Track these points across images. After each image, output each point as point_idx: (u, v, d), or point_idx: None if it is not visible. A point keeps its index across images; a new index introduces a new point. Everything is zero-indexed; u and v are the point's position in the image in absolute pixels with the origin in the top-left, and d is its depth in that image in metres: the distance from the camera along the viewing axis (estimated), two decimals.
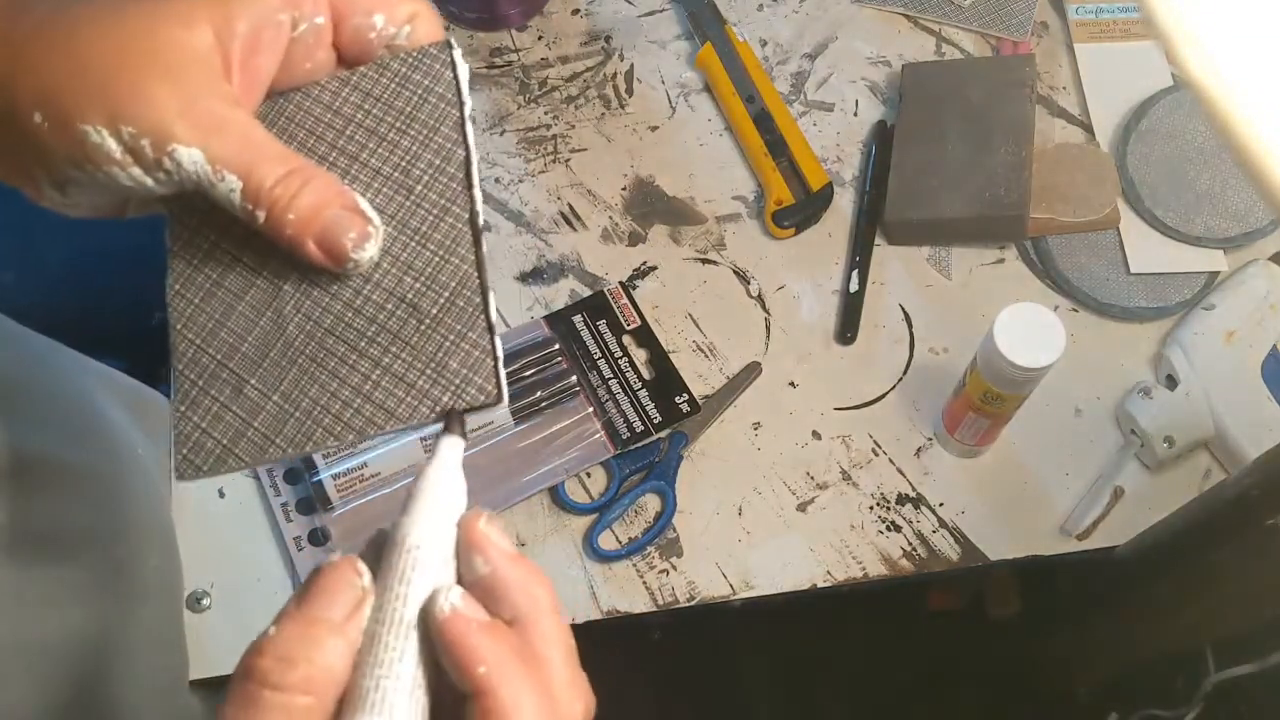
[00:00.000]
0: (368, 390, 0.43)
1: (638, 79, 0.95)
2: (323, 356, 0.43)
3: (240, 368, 0.44)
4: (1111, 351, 0.85)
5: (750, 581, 0.78)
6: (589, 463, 0.80)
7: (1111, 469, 0.80)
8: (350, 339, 0.43)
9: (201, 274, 0.45)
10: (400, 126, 0.45)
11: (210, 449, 0.43)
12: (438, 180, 0.44)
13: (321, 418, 0.43)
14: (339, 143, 0.45)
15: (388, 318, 0.43)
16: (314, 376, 0.43)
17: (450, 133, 0.45)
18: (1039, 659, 0.97)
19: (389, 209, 0.44)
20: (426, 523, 0.38)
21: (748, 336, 0.86)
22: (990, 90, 0.89)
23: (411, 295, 0.43)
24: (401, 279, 0.44)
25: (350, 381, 0.43)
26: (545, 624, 0.37)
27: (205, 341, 0.45)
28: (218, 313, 0.45)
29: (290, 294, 0.44)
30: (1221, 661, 0.77)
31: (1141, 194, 0.88)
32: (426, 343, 0.43)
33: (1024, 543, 0.79)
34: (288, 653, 0.34)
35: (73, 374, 0.75)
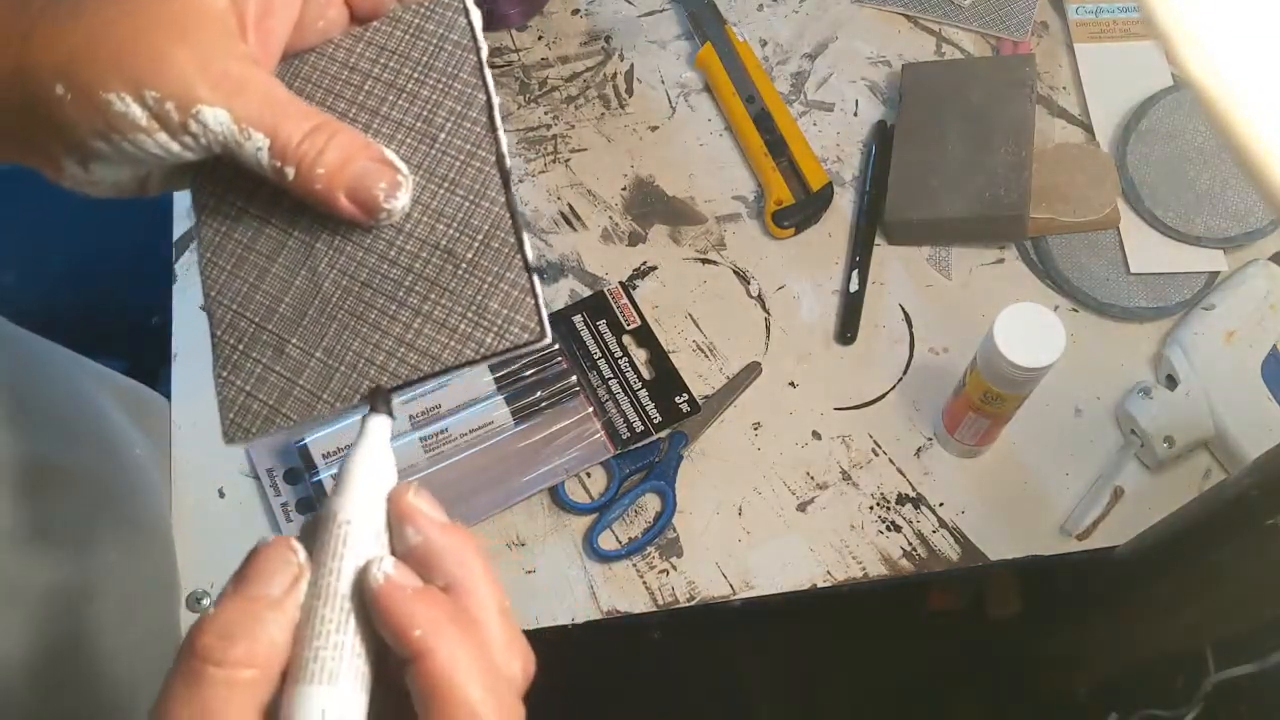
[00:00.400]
0: (410, 338, 0.43)
1: (638, 79, 0.95)
2: (362, 310, 0.44)
3: (280, 328, 0.44)
4: (1111, 351, 0.85)
5: (750, 581, 0.78)
6: (589, 463, 0.80)
7: (1111, 469, 0.80)
8: (388, 290, 0.44)
9: (231, 240, 0.45)
10: (418, 77, 0.45)
11: (256, 410, 0.44)
12: (461, 126, 0.45)
13: (366, 369, 0.43)
14: (358, 99, 0.45)
15: (423, 266, 0.44)
16: (355, 330, 0.44)
17: (469, 78, 0.45)
18: (1039, 659, 0.97)
19: (415, 159, 0.45)
20: (356, 499, 0.39)
21: (748, 336, 0.86)
22: (990, 90, 0.89)
23: (445, 242, 0.44)
24: (434, 227, 0.44)
25: (392, 331, 0.43)
26: (478, 587, 0.37)
27: (241, 306, 0.45)
28: (251, 276, 0.45)
29: (323, 251, 0.44)
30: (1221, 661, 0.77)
31: (1141, 194, 0.88)
32: (465, 287, 0.43)
33: (1024, 543, 0.79)
34: (228, 629, 0.35)
35: (70, 375, 0.75)
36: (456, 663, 0.35)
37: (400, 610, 0.36)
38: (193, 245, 0.86)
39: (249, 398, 0.44)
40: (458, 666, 0.35)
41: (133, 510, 0.72)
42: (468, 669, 0.35)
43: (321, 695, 0.35)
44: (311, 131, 0.41)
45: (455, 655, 0.35)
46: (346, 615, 0.37)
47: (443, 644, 0.35)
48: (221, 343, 0.45)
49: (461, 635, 0.36)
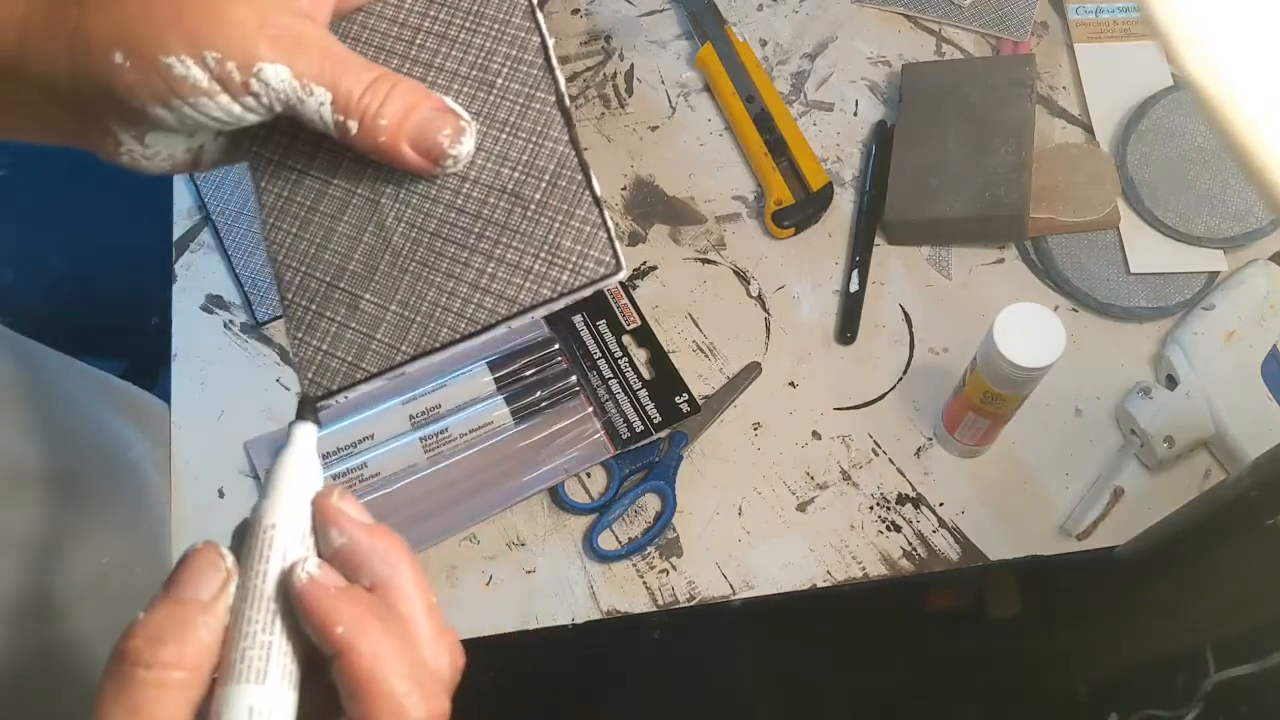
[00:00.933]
0: (485, 283, 0.44)
1: (638, 79, 0.95)
2: (433, 260, 0.44)
3: (352, 285, 0.45)
4: (1111, 351, 0.85)
5: (750, 581, 0.78)
6: (589, 463, 0.80)
7: (1111, 469, 0.80)
8: (458, 238, 0.44)
9: (294, 204, 0.46)
10: (470, 26, 0.45)
11: (335, 367, 0.44)
12: (518, 70, 0.45)
13: (444, 317, 0.44)
14: (411, 53, 0.46)
15: (492, 210, 0.44)
16: (429, 280, 0.44)
17: (522, 22, 0.45)
18: (1039, 659, 0.97)
19: (474, 107, 0.45)
20: (281, 503, 0.39)
21: (748, 336, 0.86)
22: (990, 90, 0.89)
23: (512, 185, 0.44)
24: (499, 172, 0.44)
25: (466, 278, 0.44)
26: (403, 584, 0.38)
27: (310, 267, 0.45)
28: (318, 237, 0.45)
29: (389, 206, 0.44)
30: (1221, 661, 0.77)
31: (1141, 194, 0.88)
32: (535, 228, 0.44)
33: (1024, 543, 0.79)
34: (158, 632, 0.35)
35: (64, 378, 0.75)
36: (380, 658, 0.36)
37: (323, 608, 0.36)
38: (191, 246, 0.86)
39: (327, 355, 0.45)
40: (380, 660, 0.36)
41: (127, 514, 0.72)
42: (391, 663, 0.36)
43: (249, 693, 0.36)
44: (372, 84, 0.41)
45: (378, 650, 0.36)
46: (272, 616, 0.37)
47: (365, 639, 0.36)
48: (293, 305, 0.45)
49: (385, 630, 0.36)
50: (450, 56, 0.45)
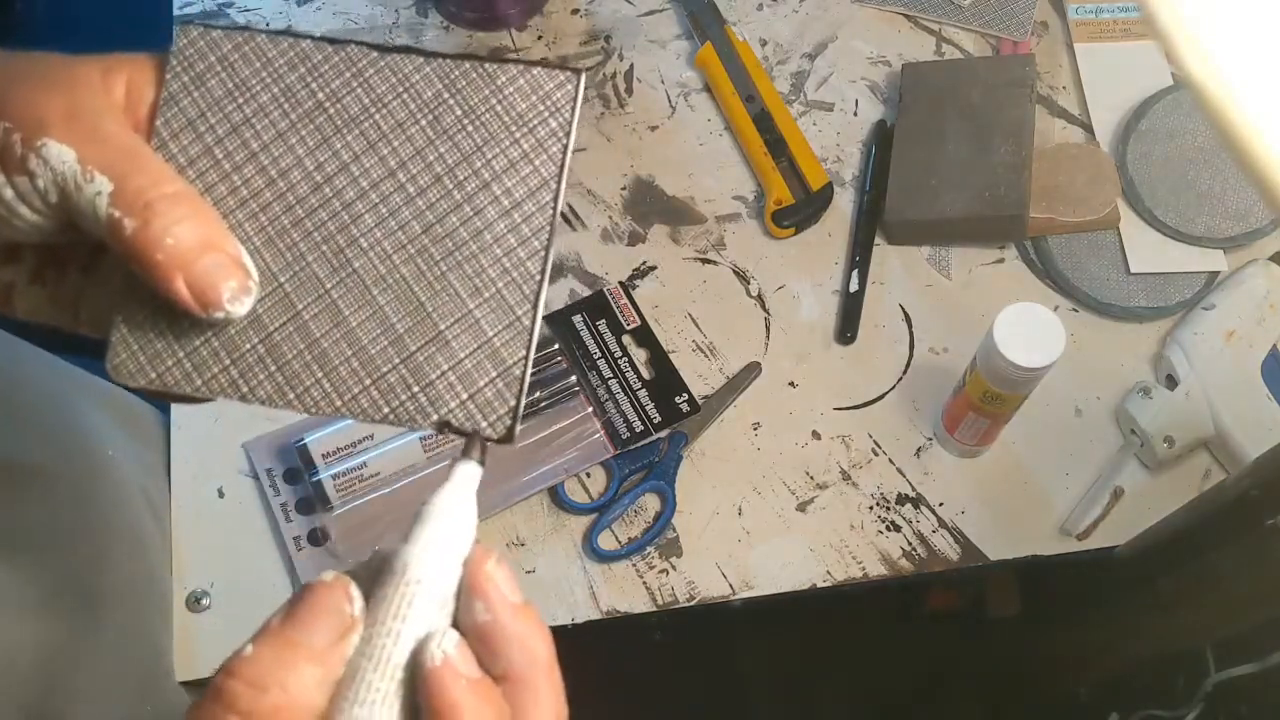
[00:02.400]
0: (384, 376, 0.40)
1: (637, 79, 0.95)
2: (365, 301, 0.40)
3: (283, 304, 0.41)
4: (1111, 351, 0.85)
5: (750, 581, 0.78)
6: (589, 463, 0.80)
7: (1111, 469, 0.80)
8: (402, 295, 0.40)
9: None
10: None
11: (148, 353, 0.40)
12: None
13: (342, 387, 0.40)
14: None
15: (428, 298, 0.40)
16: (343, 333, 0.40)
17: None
18: (1039, 659, 0.97)
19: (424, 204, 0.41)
20: (430, 556, 0.35)
21: (748, 336, 0.85)
22: (990, 90, 0.89)
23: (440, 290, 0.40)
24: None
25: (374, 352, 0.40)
26: (540, 684, 0.35)
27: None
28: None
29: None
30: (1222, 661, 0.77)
31: (1141, 194, 0.88)
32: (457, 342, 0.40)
33: (1024, 543, 0.79)
34: (260, 677, 0.32)
35: (40, 375, 0.74)
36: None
37: (450, 699, 0.33)
38: None
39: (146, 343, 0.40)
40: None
41: (99, 513, 0.71)
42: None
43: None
44: (173, 195, 0.36)
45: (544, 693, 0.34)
46: (396, 686, 0.34)
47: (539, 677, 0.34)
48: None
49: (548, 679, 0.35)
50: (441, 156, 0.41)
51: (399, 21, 0.98)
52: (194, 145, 0.40)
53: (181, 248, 0.36)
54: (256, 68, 0.41)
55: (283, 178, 0.40)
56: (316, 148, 0.40)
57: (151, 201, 0.36)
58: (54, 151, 0.35)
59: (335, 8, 0.98)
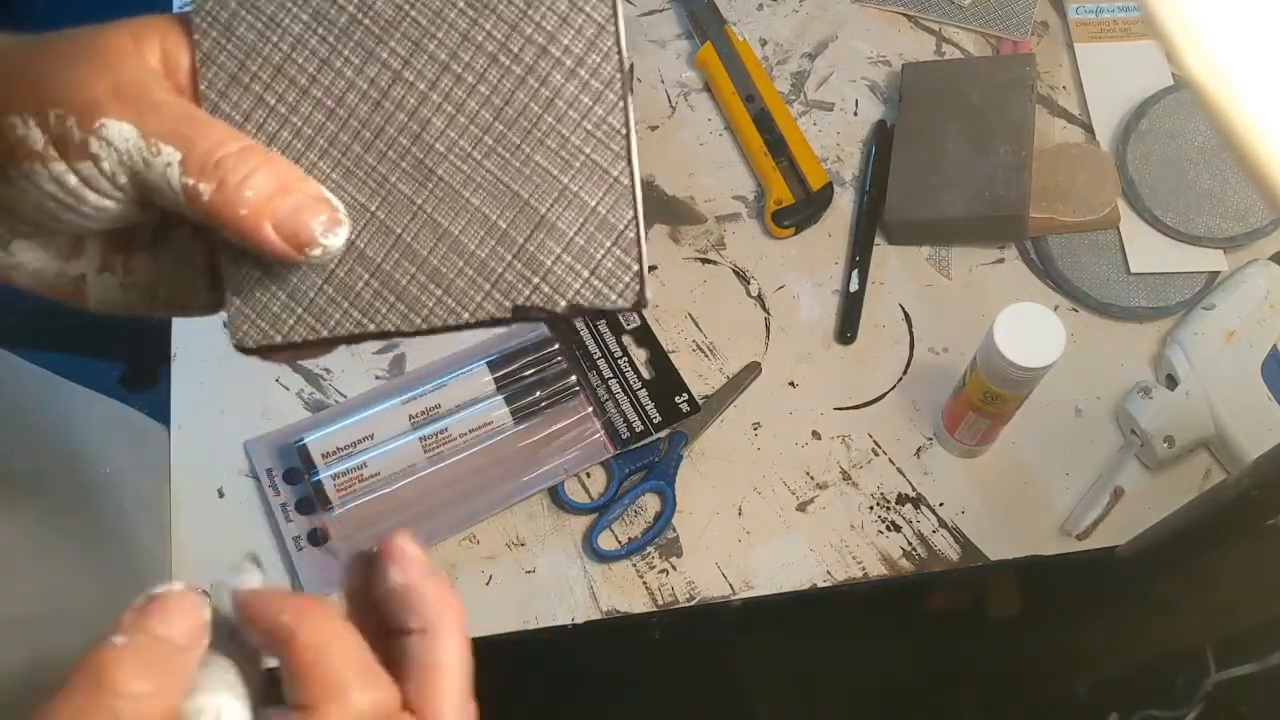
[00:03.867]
0: (493, 271, 0.40)
1: (638, 79, 0.95)
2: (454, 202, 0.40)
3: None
4: (1111, 351, 0.85)
5: (750, 581, 0.78)
6: (589, 463, 0.80)
7: (1111, 469, 0.80)
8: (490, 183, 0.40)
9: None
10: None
11: (282, 319, 0.40)
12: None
13: (441, 299, 0.40)
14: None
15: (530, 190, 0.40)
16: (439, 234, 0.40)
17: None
18: (1039, 659, 0.97)
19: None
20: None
21: (748, 336, 0.85)
22: (990, 90, 0.89)
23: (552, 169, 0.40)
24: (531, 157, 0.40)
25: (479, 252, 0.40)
26: (456, 633, 0.37)
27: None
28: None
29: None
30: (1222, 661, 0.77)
31: (1142, 194, 0.88)
32: (566, 223, 0.40)
33: (1024, 543, 0.79)
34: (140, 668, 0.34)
35: (37, 392, 0.74)
36: (458, 646, 0.36)
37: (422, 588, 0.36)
38: None
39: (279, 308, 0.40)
40: (458, 648, 0.36)
41: (100, 525, 0.71)
42: (460, 657, 0.36)
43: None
44: (240, 152, 0.36)
45: (454, 639, 0.36)
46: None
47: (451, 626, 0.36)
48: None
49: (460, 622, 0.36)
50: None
51: None
52: (245, 99, 0.39)
53: (261, 198, 0.36)
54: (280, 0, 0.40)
55: (340, 105, 0.39)
56: (364, 64, 0.39)
57: (221, 160, 0.36)
58: (115, 131, 0.35)
59: None
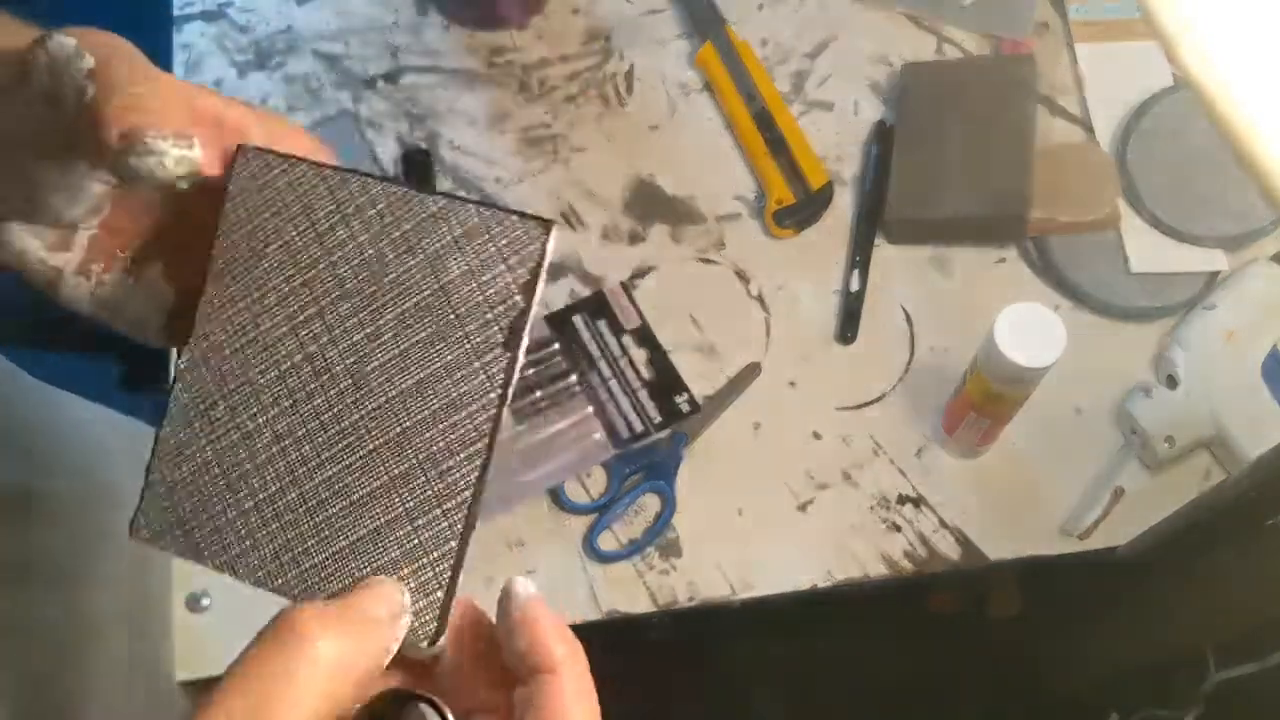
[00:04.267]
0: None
1: (638, 78, 0.95)
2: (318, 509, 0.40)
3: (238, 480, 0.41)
4: (1112, 351, 0.85)
5: (750, 581, 0.78)
6: (589, 463, 0.80)
7: (1112, 469, 0.80)
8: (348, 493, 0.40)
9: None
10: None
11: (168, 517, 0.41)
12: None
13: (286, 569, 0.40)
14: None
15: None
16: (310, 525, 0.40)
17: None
18: (1039, 659, 0.97)
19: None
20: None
21: (748, 336, 0.85)
22: (990, 90, 0.89)
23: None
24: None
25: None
26: (583, 671, 0.39)
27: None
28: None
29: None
30: (1222, 662, 0.77)
31: (1142, 194, 0.88)
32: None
33: (1024, 543, 0.79)
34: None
35: (41, 405, 0.74)
36: (579, 692, 0.38)
37: (549, 623, 0.38)
38: None
39: (168, 504, 0.41)
40: (579, 694, 0.38)
41: (104, 538, 0.71)
42: (583, 701, 0.38)
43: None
44: (143, 79, 0.37)
45: (580, 685, 0.38)
46: None
47: (575, 668, 0.38)
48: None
49: (585, 674, 0.38)
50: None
51: (399, 21, 0.98)
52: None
53: (131, 106, 0.37)
54: (293, 212, 0.41)
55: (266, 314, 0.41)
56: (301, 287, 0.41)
57: (130, 89, 0.37)
58: (56, 40, 0.37)
59: (335, 7, 0.98)
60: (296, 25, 0.98)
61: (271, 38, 0.97)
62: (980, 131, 0.87)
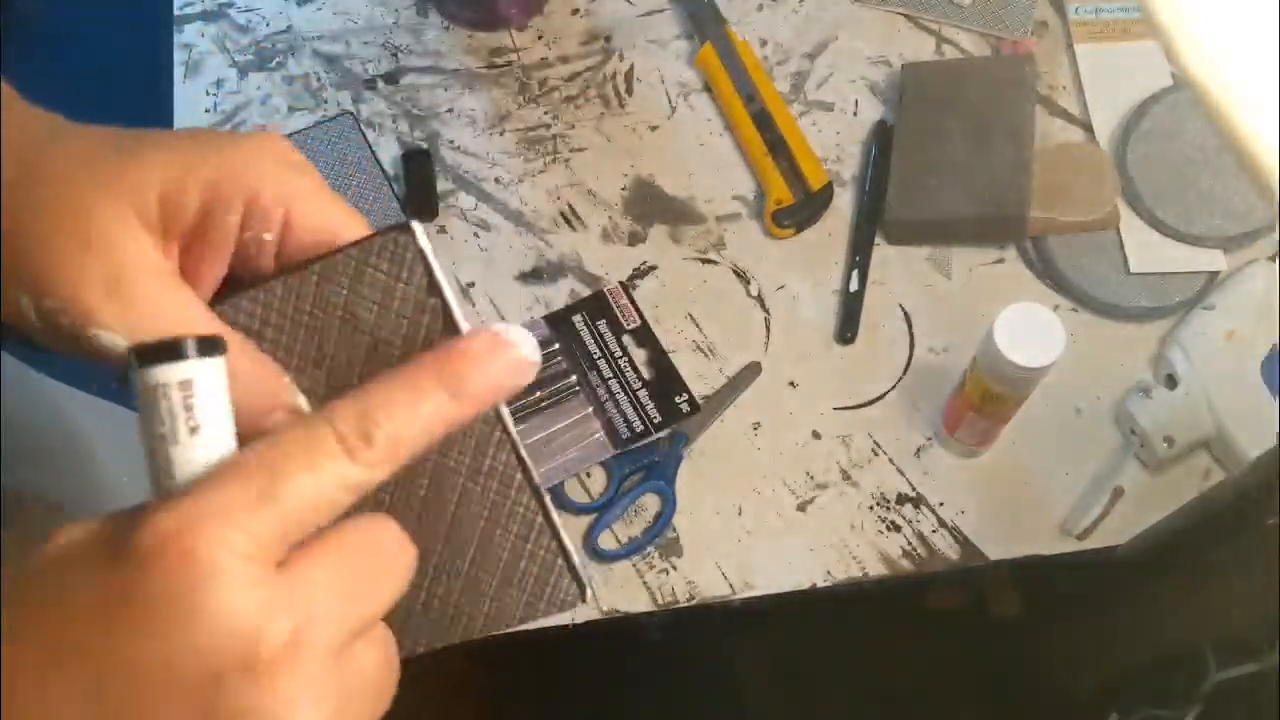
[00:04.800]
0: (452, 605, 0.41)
1: (638, 79, 0.95)
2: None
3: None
4: (1111, 351, 0.85)
5: (750, 581, 0.78)
6: (589, 463, 0.80)
7: (1111, 469, 0.80)
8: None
9: None
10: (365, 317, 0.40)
11: None
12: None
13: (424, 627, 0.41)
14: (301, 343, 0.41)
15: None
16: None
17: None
18: (1039, 659, 0.97)
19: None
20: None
21: (748, 336, 0.85)
22: (990, 90, 0.89)
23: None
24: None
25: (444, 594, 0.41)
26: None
27: None
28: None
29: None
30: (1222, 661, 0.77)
31: (1142, 194, 0.88)
32: (496, 552, 0.42)
33: (1024, 542, 0.79)
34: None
35: (55, 409, 0.74)
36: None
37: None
38: None
39: None
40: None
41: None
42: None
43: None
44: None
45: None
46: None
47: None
48: None
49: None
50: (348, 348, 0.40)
51: (399, 21, 0.98)
52: None
53: (244, 411, 0.35)
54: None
55: None
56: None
57: None
58: (106, 341, 0.34)
59: (335, 8, 0.98)
60: (296, 25, 0.98)
61: (271, 38, 0.97)
62: (980, 131, 0.87)
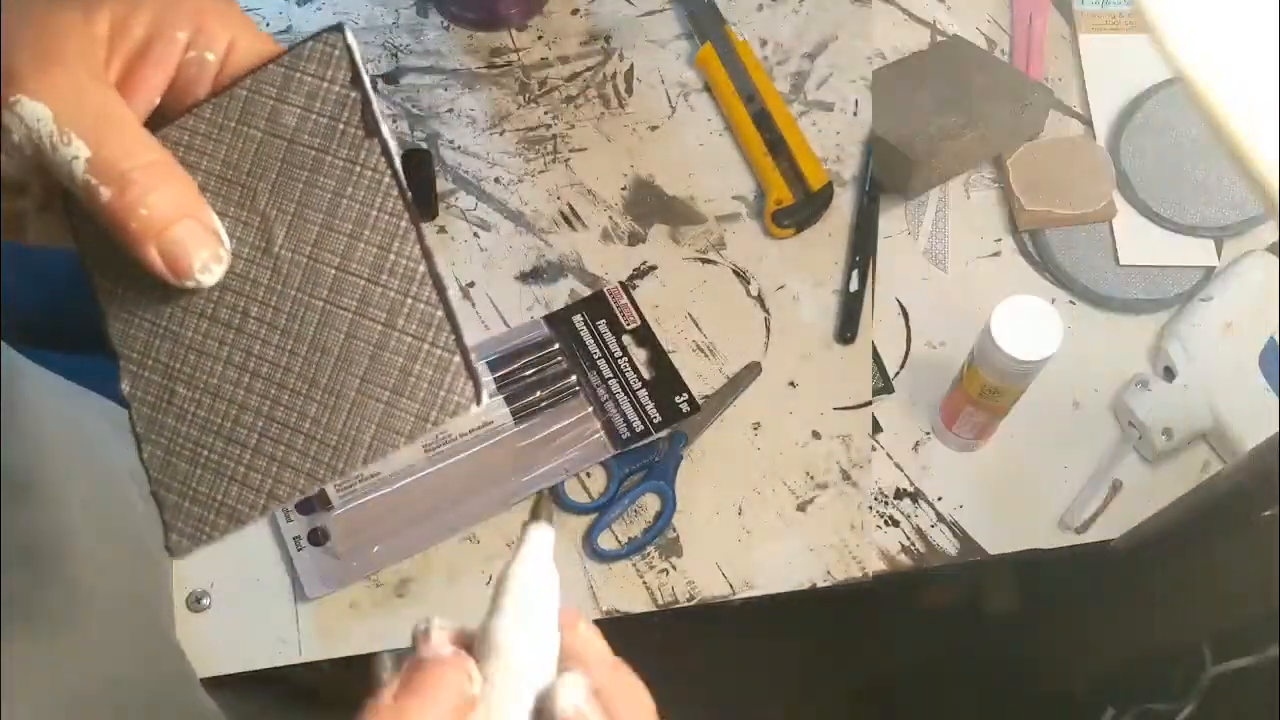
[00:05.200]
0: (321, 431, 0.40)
1: (637, 79, 0.96)
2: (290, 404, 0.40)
3: (206, 430, 0.41)
4: (1109, 344, 0.85)
5: (750, 581, 0.78)
6: (589, 463, 0.80)
7: (1110, 462, 0.80)
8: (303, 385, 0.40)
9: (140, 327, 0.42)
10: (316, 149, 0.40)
11: (200, 515, 0.41)
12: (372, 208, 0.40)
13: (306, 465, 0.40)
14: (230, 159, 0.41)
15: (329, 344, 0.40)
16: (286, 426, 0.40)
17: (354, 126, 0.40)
18: (1037, 654, 0.97)
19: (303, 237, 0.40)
20: (525, 626, 0.37)
21: (748, 336, 0.86)
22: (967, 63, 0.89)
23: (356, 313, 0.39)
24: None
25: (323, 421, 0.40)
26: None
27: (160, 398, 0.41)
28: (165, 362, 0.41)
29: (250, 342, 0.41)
30: (1219, 655, 0.77)
31: (1137, 187, 0.88)
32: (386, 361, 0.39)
33: (1022, 536, 0.79)
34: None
35: (49, 392, 0.74)
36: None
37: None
38: None
39: (190, 502, 0.41)
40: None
41: (107, 524, 0.71)
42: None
43: None
44: (147, 165, 0.36)
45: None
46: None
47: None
48: (148, 440, 0.42)
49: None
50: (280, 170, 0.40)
51: (399, 21, 0.98)
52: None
53: (154, 217, 0.36)
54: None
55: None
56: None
57: (126, 171, 0.36)
58: (29, 110, 0.35)
59: (335, 8, 0.99)
60: (296, 25, 0.98)
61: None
62: (957, 87, 0.88)
